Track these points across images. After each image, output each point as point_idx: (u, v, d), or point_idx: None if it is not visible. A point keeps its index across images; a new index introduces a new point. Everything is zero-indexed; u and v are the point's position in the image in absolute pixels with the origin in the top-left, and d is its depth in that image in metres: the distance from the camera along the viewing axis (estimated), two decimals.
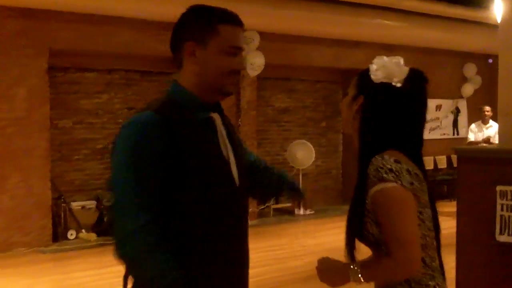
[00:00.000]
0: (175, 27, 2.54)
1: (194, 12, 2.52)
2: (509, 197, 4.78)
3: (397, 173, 2.23)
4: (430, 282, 2.35)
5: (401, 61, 2.42)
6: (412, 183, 2.26)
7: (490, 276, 4.98)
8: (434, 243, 2.41)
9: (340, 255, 2.50)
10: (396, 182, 2.22)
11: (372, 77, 2.39)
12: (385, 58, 2.42)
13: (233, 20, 2.47)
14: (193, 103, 2.43)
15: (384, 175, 2.23)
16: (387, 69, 2.38)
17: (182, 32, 2.50)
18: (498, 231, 4.84)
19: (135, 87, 11.66)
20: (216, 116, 2.49)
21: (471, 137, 12.32)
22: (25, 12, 9.61)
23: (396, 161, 2.26)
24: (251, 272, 2.61)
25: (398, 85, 2.38)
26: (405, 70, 2.41)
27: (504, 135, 5.38)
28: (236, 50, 2.45)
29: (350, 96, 2.48)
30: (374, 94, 2.39)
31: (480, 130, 12.26)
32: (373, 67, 2.40)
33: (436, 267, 2.40)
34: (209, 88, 2.45)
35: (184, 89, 2.45)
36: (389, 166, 2.24)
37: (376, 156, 2.29)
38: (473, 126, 12.55)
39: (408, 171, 2.27)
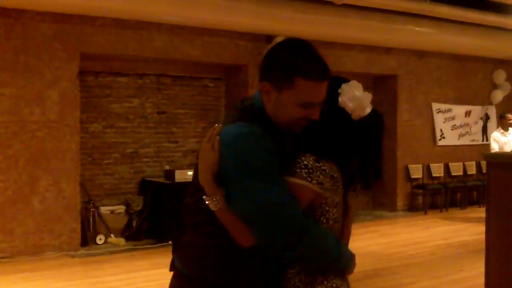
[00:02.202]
0: (264, 57, 2.52)
1: (280, 53, 2.45)
2: None
3: (310, 171, 2.35)
4: (319, 277, 2.43)
5: (369, 97, 2.50)
6: (321, 183, 2.37)
7: None
8: None
9: (374, 259, 2.59)
10: (305, 179, 2.34)
11: (341, 101, 2.47)
12: (359, 87, 2.50)
13: (313, 75, 2.36)
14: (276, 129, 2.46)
15: (297, 170, 2.36)
16: (357, 101, 2.47)
17: (264, 68, 2.48)
18: None
19: (166, 91, 11.72)
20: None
21: (495, 147, 12.10)
22: (58, 16, 9.69)
23: (315, 160, 2.38)
24: None
25: (356, 119, 2.49)
26: (370, 107, 2.50)
27: None
28: (309, 105, 2.39)
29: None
30: (334, 117, 2.49)
31: (504, 136, 12.14)
32: (347, 92, 2.47)
33: None
34: (277, 123, 2.45)
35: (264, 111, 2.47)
36: (305, 163, 2.37)
37: (300, 153, 2.41)
38: (496, 134, 12.31)
39: (323, 170, 2.38)
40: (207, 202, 2.37)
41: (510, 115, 12.10)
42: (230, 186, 2.34)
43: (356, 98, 2.45)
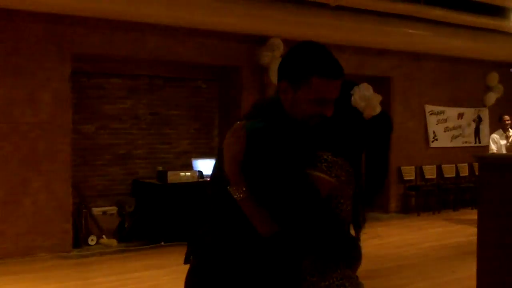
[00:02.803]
0: (282, 59, 2.68)
1: (297, 54, 2.60)
2: None
3: (330, 165, 2.55)
4: (334, 266, 2.58)
5: (379, 99, 2.67)
6: (339, 177, 2.55)
7: (511, 283, 4.95)
8: None
9: (367, 261, 2.68)
10: (326, 173, 2.52)
11: (353, 100, 2.65)
12: (370, 89, 2.67)
13: (329, 73, 2.51)
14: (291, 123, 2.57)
15: (318, 164, 2.54)
16: (368, 101, 2.64)
17: (282, 68, 2.62)
18: None
19: (159, 92, 11.72)
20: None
21: (494, 147, 12.16)
22: (50, 17, 9.65)
23: (333, 155, 2.58)
24: None
25: (367, 118, 2.67)
26: (379, 108, 2.68)
27: None
28: (323, 101, 2.53)
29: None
30: (346, 115, 2.67)
31: (503, 139, 12.16)
32: (358, 92, 2.65)
33: None
34: (294, 118, 2.58)
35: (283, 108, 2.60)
36: (325, 157, 2.56)
37: (319, 148, 2.61)
38: (495, 136, 12.39)
39: (340, 165, 2.57)
40: (231, 192, 2.49)
41: (507, 117, 12.12)
42: (254, 176, 2.47)
43: (366, 98, 2.63)
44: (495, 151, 11.94)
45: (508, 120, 12.10)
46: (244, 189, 2.47)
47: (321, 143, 2.63)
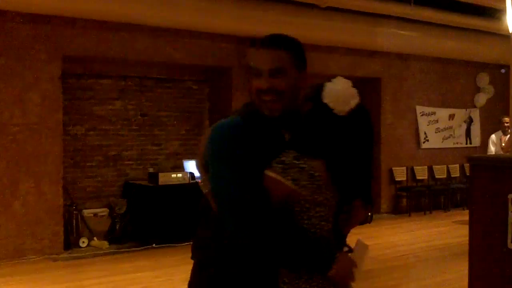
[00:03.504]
0: None
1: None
2: None
3: (286, 167, 2.41)
4: (303, 276, 2.45)
5: (355, 91, 2.53)
6: (297, 180, 2.39)
7: (502, 283, 4.96)
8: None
9: (368, 262, 2.62)
10: (280, 174, 2.39)
11: (324, 95, 2.50)
12: (343, 82, 2.54)
13: (260, 42, 2.57)
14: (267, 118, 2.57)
15: (274, 164, 2.42)
16: (340, 96, 2.49)
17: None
18: (510, 239, 4.83)
19: (149, 93, 11.67)
20: (288, 136, 2.58)
21: (493, 149, 12.09)
22: (39, 18, 9.61)
23: (295, 158, 2.43)
24: None
25: (340, 112, 2.49)
26: (354, 101, 2.51)
27: None
28: (257, 71, 2.53)
29: (304, 93, 2.60)
30: (319, 112, 2.51)
31: (503, 141, 12.12)
32: (329, 88, 2.51)
33: None
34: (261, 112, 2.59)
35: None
36: (283, 159, 2.43)
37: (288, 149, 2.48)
38: (494, 137, 12.31)
39: (301, 168, 2.41)
40: (200, 185, 2.61)
41: (506, 119, 12.05)
42: (208, 170, 2.54)
43: (335, 92, 2.49)
44: (494, 153, 11.88)
45: (507, 123, 12.05)
46: (206, 182, 2.53)
47: (289, 143, 2.54)
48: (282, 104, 2.53)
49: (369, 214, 2.78)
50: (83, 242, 10.28)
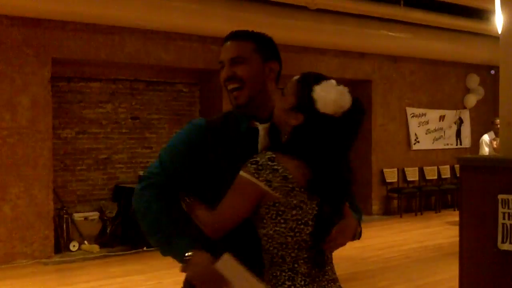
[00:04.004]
0: None
1: None
2: (510, 206, 4.78)
3: (259, 167, 2.38)
4: (287, 282, 2.42)
5: (346, 91, 2.46)
6: (269, 181, 2.37)
7: (493, 284, 4.97)
8: (299, 245, 2.44)
9: (349, 263, 2.60)
10: (253, 175, 2.38)
11: (319, 107, 2.41)
12: (333, 87, 2.44)
13: (224, 38, 2.69)
14: (239, 114, 2.66)
15: (248, 164, 2.40)
16: (336, 104, 2.41)
17: None
18: (500, 239, 4.84)
19: (139, 96, 11.65)
20: (261, 128, 2.60)
21: (487, 150, 12.01)
22: (28, 21, 9.58)
23: (270, 159, 2.40)
24: None
25: (337, 115, 2.43)
26: (349, 101, 2.45)
27: (505, 145, 5.38)
28: (222, 63, 2.65)
29: (289, 103, 2.49)
30: (315, 123, 2.43)
31: (495, 143, 12.08)
32: (323, 98, 2.41)
33: (299, 270, 2.44)
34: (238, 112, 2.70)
35: None
36: (257, 159, 2.41)
37: (262, 150, 2.50)
38: (486, 138, 12.24)
39: (275, 170, 2.38)
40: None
41: (498, 120, 11.99)
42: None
43: (333, 102, 2.41)
44: (487, 154, 11.81)
45: (499, 124, 11.97)
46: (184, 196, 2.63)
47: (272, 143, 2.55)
48: (247, 91, 2.59)
49: (359, 230, 2.75)
50: (74, 246, 10.25)
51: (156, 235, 2.60)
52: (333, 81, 2.47)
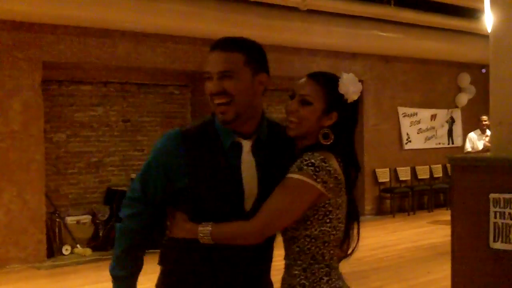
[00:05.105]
0: None
1: None
2: (502, 205, 4.78)
3: (317, 169, 2.41)
4: (324, 277, 2.52)
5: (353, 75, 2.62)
6: (325, 182, 2.43)
7: (485, 283, 4.97)
8: (336, 242, 2.58)
9: (342, 263, 2.66)
10: (311, 177, 2.40)
11: (347, 98, 2.58)
12: (351, 77, 2.60)
13: (213, 46, 2.54)
14: (221, 127, 2.58)
15: (304, 167, 2.42)
16: (359, 89, 2.60)
17: None
18: (492, 238, 4.84)
19: (131, 99, 11.63)
20: (246, 144, 2.56)
21: (469, 147, 12.13)
22: (18, 25, 9.54)
23: (322, 160, 2.44)
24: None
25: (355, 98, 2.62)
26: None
27: (496, 144, 5.39)
28: (209, 75, 2.53)
29: (318, 108, 2.56)
30: (348, 113, 2.61)
31: (480, 140, 12.12)
32: (349, 89, 2.57)
33: (334, 265, 2.58)
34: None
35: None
36: (313, 161, 2.43)
37: (308, 152, 2.47)
38: (472, 135, 12.30)
39: (329, 171, 2.44)
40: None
41: (484, 117, 12.06)
42: None
43: (357, 84, 2.61)
44: (469, 150, 11.92)
45: (485, 121, 12.03)
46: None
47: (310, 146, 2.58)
48: (235, 107, 2.49)
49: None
50: (66, 249, 10.22)
51: (120, 269, 2.73)
52: (343, 73, 2.61)
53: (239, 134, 2.56)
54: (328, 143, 2.53)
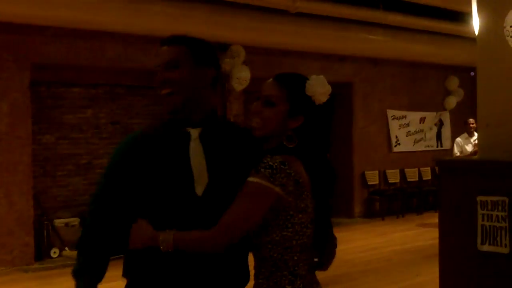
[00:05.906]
0: None
1: None
2: (489, 207, 4.79)
3: (274, 171, 2.35)
4: (287, 286, 2.43)
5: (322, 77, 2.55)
6: (284, 185, 2.36)
7: (473, 285, 4.98)
8: (301, 248, 2.48)
9: (331, 266, 2.62)
10: (268, 179, 2.34)
11: (315, 100, 2.50)
12: (319, 78, 2.53)
13: (160, 42, 2.76)
14: (171, 119, 2.70)
15: (262, 170, 2.36)
16: (326, 92, 2.51)
17: None
18: (480, 241, 4.85)
19: (120, 101, 11.60)
20: (194, 132, 2.63)
21: (457, 151, 12.17)
22: (7, 26, 9.48)
23: (281, 163, 2.38)
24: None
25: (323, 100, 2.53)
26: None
27: (484, 146, 5.41)
28: (156, 69, 2.72)
29: (282, 110, 2.51)
30: (317, 116, 2.53)
31: (468, 143, 12.16)
32: (316, 90, 2.50)
33: (299, 272, 2.47)
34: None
35: None
36: (271, 163, 2.37)
37: (268, 155, 2.42)
38: (459, 139, 12.36)
39: (288, 174, 2.38)
40: None
41: (471, 120, 12.09)
42: None
43: (326, 87, 2.51)
44: (458, 155, 11.97)
45: (473, 124, 12.05)
46: None
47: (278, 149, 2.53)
48: (181, 97, 2.63)
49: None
50: (55, 252, 10.18)
51: (82, 254, 2.89)
52: (312, 75, 2.55)
53: (187, 123, 2.66)
54: (292, 146, 2.49)
